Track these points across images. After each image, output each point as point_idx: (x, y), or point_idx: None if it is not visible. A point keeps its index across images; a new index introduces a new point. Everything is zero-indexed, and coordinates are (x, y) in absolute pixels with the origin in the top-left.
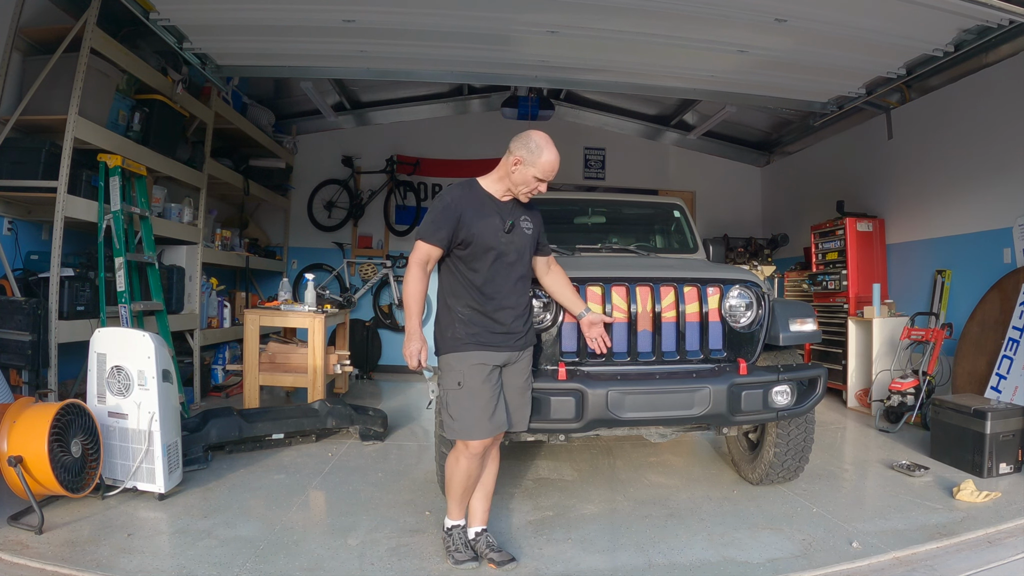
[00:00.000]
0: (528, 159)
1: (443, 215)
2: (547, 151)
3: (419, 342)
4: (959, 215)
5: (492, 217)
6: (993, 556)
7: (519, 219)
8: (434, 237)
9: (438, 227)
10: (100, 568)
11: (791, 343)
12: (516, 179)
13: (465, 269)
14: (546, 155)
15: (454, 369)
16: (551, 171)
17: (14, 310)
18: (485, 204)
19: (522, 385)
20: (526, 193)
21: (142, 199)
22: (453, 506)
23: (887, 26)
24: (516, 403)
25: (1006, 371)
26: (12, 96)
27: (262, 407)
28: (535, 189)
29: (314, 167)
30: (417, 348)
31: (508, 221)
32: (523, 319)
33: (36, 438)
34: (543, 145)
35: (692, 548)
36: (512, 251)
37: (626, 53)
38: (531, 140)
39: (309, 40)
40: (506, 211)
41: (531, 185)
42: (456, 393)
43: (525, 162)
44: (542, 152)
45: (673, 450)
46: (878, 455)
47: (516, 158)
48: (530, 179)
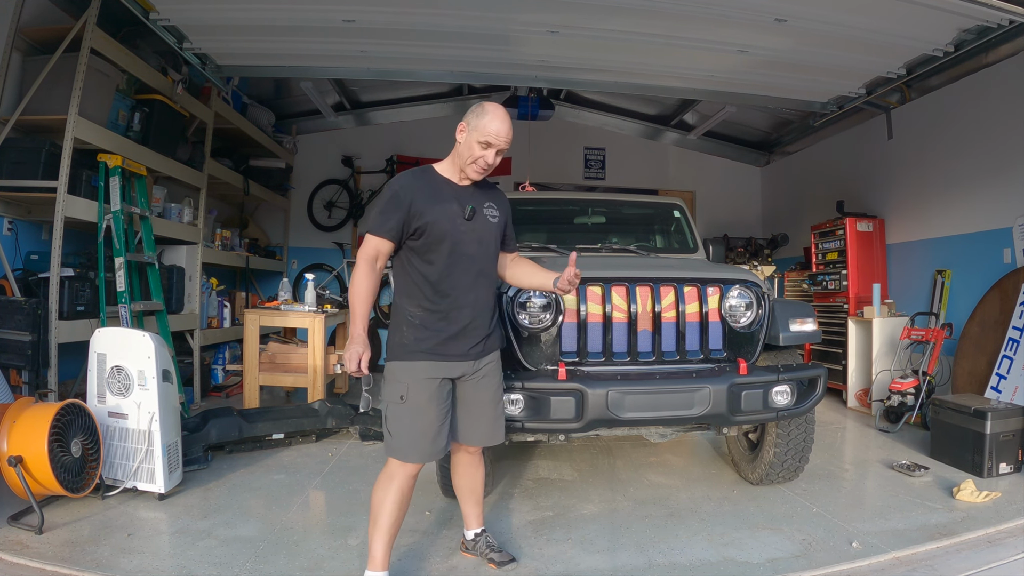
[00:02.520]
0: (472, 123)
1: (392, 203)
2: (492, 113)
3: (361, 346)
4: (959, 215)
5: (449, 203)
6: (993, 556)
7: (482, 205)
8: (382, 229)
9: (387, 217)
10: (100, 568)
11: (791, 343)
12: (462, 152)
13: (419, 262)
14: (489, 117)
15: (399, 380)
16: (495, 134)
17: (14, 310)
18: (441, 189)
19: (490, 398)
20: (474, 167)
21: (142, 199)
22: (377, 547)
23: (887, 26)
24: (486, 417)
25: (1006, 371)
26: (12, 96)
27: (262, 407)
28: (481, 159)
29: (314, 167)
30: (359, 352)
31: (468, 207)
32: (485, 320)
33: (36, 438)
34: (489, 109)
35: (692, 548)
36: (472, 240)
37: (626, 53)
38: (479, 106)
39: (309, 40)
40: (465, 196)
41: (476, 154)
42: (397, 408)
43: (469, 127)
44: (485, 113)
45: (673, 450)
46: (878, 455)
47: (461, 125)
48: (474, 147)
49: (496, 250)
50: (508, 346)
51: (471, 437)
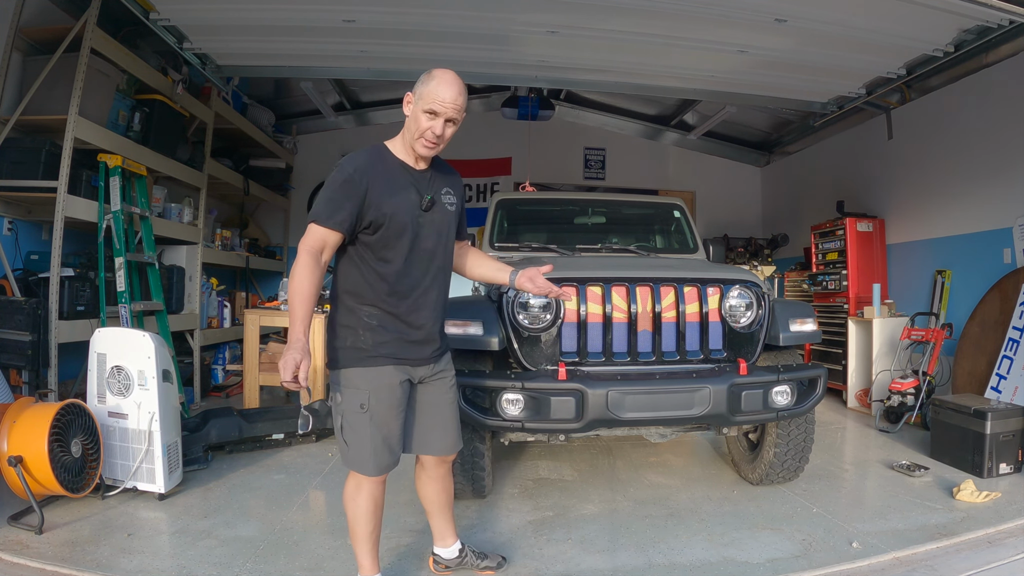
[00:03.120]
0: (417, 91)
1: (344, 190)
2: (438, 78)
3: (301, 353)
4: (959, 215)
5: (406, 191)
6: (993, 556)
7: (439, 192)
8: (332, 219)
9: (337, 206)
10: (100, 568)
11: (791, 343)
12: (410, 126)
13: (373, 259)
14: (436, 82)
15: (358, 388)
16: (440, 101)
17: (14, 310)
18: (397, 175)
19: (448, 401)
20: (422, 143)
21: (142, 199)
22: (363, 556)
23: (887, 26)
24: (451, 423)
25: (1006, 371)
26: (12, 96)
27: (262, 407)
28: (428, 131)
29: (314, 167)
30: (296, 360)
31: (426, 196)
32: (441, 320)
33: (36, 438)
34: (436, 73)
35: (692, 548)
36: (431, 234)
37: (626, 53)
38: (426, 73)
39: (309, 40)
40: (424, 182)
41: (423, 126)
42: (357, 417)
43: (415, 96)
44: (431, 79)
45: (673, 450)
46: (878, 455)
47: (408, 96)
48: (420, 117)
49: (452, 239)
50: (508, 346)
51: (440, 446)
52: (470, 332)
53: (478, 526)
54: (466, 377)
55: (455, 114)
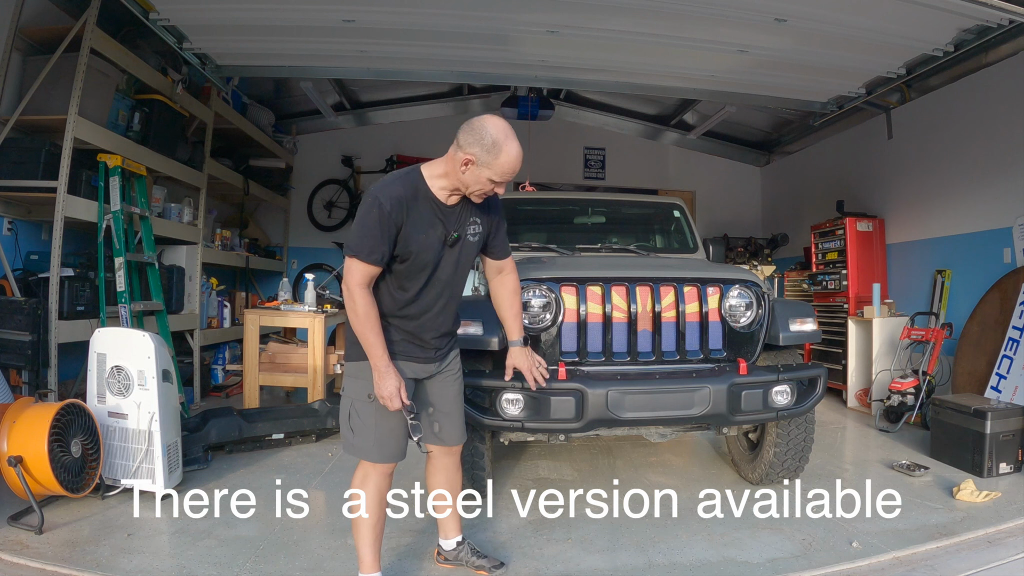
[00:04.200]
0: (482, 159)
1: (381, 229)
2: (507, 149)
3: (394, 377)
4: (959, 215)
5: (435, 228)
6: (993, 556)
7: (466, 225)
8: (372, 256)
9: (376, 243)
10: (100, 568)
11: (791, 343)
12: (467, 180)
13: (393, 284)
14: (505, 155)
15: (367, 380)
16: (512, 172)
17: (14, 310)
18: (428, 211)
19: (455, 393)
20: (479, 195)
21: (142, 199)
22: (365, 550)
23: (887, 26)
24: (456, 414)
25: (1006, 371)
26: (12, 96)
27: (262, 407)
28: (491, 191)
29: (314, 167)
30: (395, 385)
31: (453, 233)
32: (449, 336)
33: (36, 438)
34: (501, 141)
35: (692, 548)
36: (449, 265)
37: (626, 53)
38: (486, 134)
39: (309, 40)
40: (452, 218)
41: (486, 188)
42: (364, 407)
43: (478, 162)
44: (500, 151)
45: (673, 450)
46: (878, 455)
47: (467, 157)
48: (484, 181)
49: (470, 267)
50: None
51: (445, 437)
52: (470, 332)
53: (478, 526)
54: (466, 377)
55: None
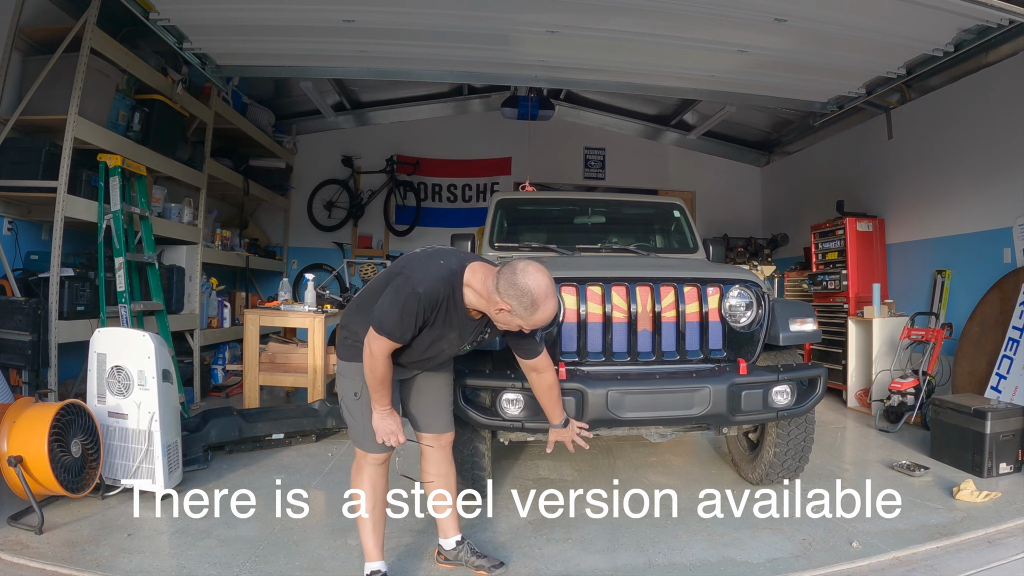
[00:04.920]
0: (517, 311)
1: (413, 318)
2: (543, 308)
3: (394, 418)
4: (959, 215)
5: (451, 331)
6: (993, 556)
7: (479, 333)
8: (402, 336)
9: (406, 326)
10: (100, 568)
11: (791, 343)
12: (498, 319)
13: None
14: (541, 313)
15: (353, 379)
16: (539, 324)
17: (14, 310)
18: (455, 318)
19: (441, 383)
20: (502, 327)
21: (142, 199)
22: (367, 539)
23: (887, 26)
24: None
25: (1006, 371)
26: (12, 96)
27: (262, 407)
28: (517, 329)
29: (314, 167)
30: (395, 424)
31: (466, 345)
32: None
33: (36, 438)
34: (540, 302)
35: (692, 548)
36: (445, 354)
37: (626, 53)
38: (526, 294)
39: (309, 40)
40: (469, 331)
41: (513, 327)
42: (352, 403)
43: (514, 313)
44: (537, 310)
45: (673, 450)
46: (878, 455)
47: (504, 305)
48: (514, 325)
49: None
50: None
51: (432, 424)
52: None
53: (478, 526)
54: (466, 377)
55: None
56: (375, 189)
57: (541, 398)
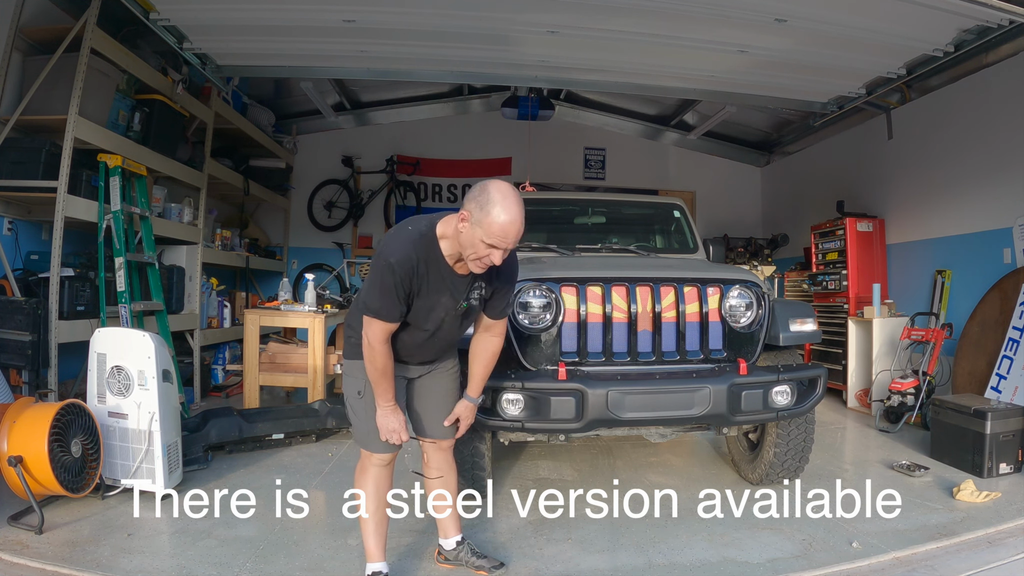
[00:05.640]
0: (475, 216)
1: (395, 291)
2: (500, 207)
3: (400, 416)
4: (959, 215)
5: (441, 294)
6: (993, 556)
7: (472, 291)
8: (391, 316)
9: (392, 305)
10: (100, 568)
11: (791, 343)
12: (463, 240)
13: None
14: (497, 212)
15: (356, 377)
16: (502, 234)
17: (14, 310)
18: (438, 278)
19: (447, 389)
20: (475, 262)
21: (142, 199)
22: (369, 540)
23: (887, 26)
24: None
25: (1006, 371)
26: (12, 96)
27: (262, 407)
28: (486, 258)
29: (314, 167)
30: (400, 422)
31: (461, 303)
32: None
33: (36, 438)
34: (497, 199)
35: (692, 548)
36: (452, 328)
37: (626, 53)
38: (485, 191)
39: (309, 40)
40: (462, 287)
41: (480, 251)
42: (356, 402)
43: (472, 220)
44: (492, 207)
45: (673, 450)
46: (878, 455)
47: (464, 212)
48: (478, 244)
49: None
50: (508, 346)
51: (433, 430)
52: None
53: (478, 526)
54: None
55: (513, 244)
56: (375, 189)
57: (476, 361)
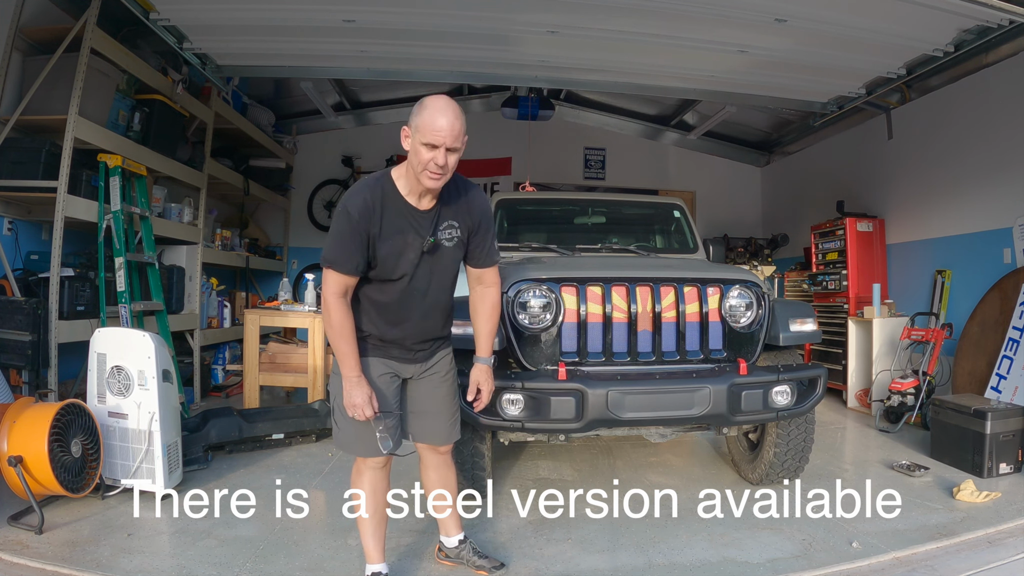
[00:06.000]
0: (412, 125)
1: (352, 238)
2: (429, 107)
3: (365, 389)
4: (959, 215)
5: (405, 234)
6: (993, 556)
7: (441, 229)
8: (346, 267)
9: (349, 253)
10: (100, 568)
11: (791, 343)
12: (412, 160)
13: (370, 289)
14: (428, 111)
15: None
16: (435, 131)
17: (14, 310)
18: (398, 217)
19: (445, 394)
20: (426, 175)
21: (142, 199)
22: (368, 542)
23: (887, 26)
24: (443, 415)
25: (1006, 371)
26: (12, 96)
27: (262, 407)
28: (431, 163)
29: (314, 167)
30: (364, 397)
31: (428, 239)
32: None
33: (36, 438)
34: (427, 103)
35: (692, 548)
36: (425, 274)
37: (626, 53)
38: (418, 104)
39: (309, 40)
40: (426, 223)
41: (424, 158)
42: (341, 403)
43: (411, 131)
44: (423, 110)
45: (673, 450)
46: (878, 455)
47: (404, 130)
48: (420, 151)
49: (452, 275)
50: (508, 346)
51: (430, 436)
52: (470, 332)
53: (478, 526)
54: (466, 377)
55: (454, 142)
56: None
57: (478, 320)
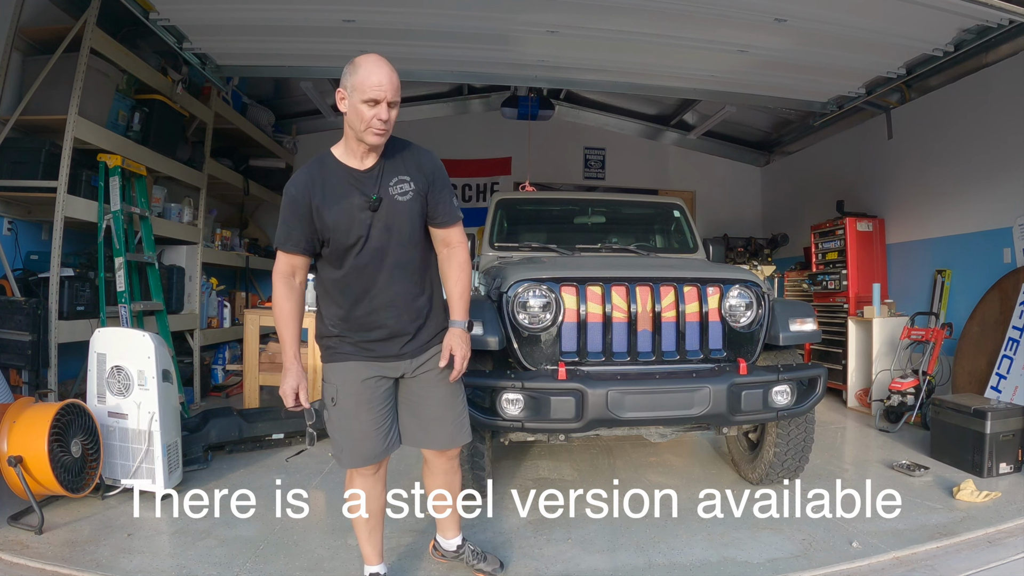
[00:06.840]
0: (347, 85)
1: (291, 212)
2: (364, 66)
3: (296, 377)
4: (959, 215)
5: (348, 196)
6: (993, 556)
7: (388, 185)
8: (288, 243)
9: (290, 228)
10: (100, 568)
11: (791, 343)
12: (352, 122)
13: (327, 268)
14: (363, 70)
15: (330, 383)
16: (375, 86)
17: (14, 310)
18: (338, 182)
19: (444, 395)
20: (371, 132)
21: (142, 199)
22: (365, 546)
23: (887, 26)
24: (442, 418)
25: (1006, 371)
26: (12, 96)
27: (262, 407)
28: (374, 119)
29: None
30: (294, 385)
31: (372, 195)
32: (412, 314)
33: (36, 438)
34: (359, 61)
35: (692, 548)
36: (379, 231)
37: (626, 53)
38: (349, 64)
39: (309, 40)
40: (369, 182)
41: (366, 116)
42: (331, 411)
43: (347, 92)
44: (357, 69)
45: (673, 450)
46: (878, 455)
47: (339, 92)
48: (361, 109)
49: (413, 231)
50: (508, 346)
51: (432, 441)
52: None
53: (478, 526)
54: (466, 377)
55: (395, 95)
56: None
57: (448, 281)
